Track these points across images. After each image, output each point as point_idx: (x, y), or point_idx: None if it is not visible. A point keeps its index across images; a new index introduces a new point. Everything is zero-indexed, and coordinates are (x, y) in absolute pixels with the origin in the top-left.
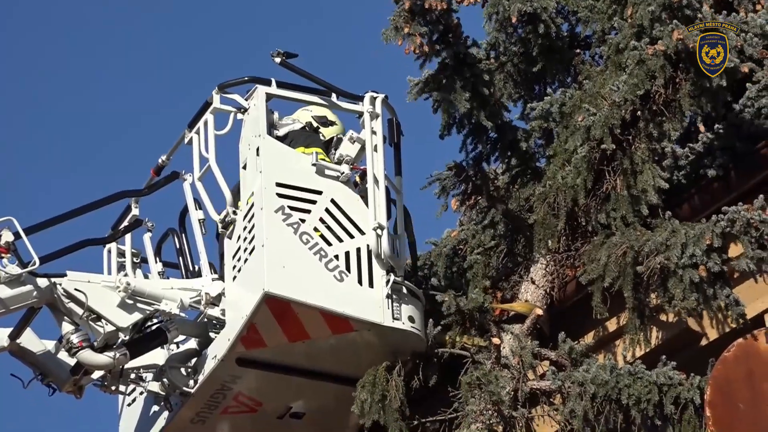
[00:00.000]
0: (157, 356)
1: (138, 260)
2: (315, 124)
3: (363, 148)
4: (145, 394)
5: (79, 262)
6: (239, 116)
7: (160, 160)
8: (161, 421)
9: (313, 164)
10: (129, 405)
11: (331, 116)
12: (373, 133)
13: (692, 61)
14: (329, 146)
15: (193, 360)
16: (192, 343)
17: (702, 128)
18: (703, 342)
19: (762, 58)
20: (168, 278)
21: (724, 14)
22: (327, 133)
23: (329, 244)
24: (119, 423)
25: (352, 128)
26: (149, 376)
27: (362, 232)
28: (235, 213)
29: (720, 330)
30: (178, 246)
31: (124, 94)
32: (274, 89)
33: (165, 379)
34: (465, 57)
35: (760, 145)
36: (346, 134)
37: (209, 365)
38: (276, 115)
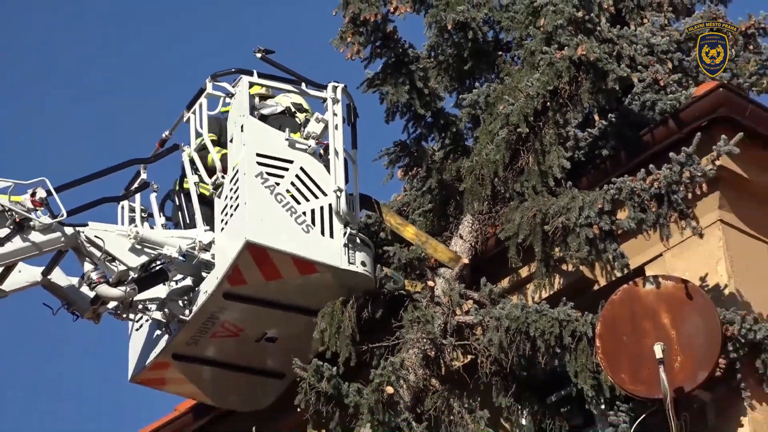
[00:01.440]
0: (160, 291)
1: (145, 215)
2: (293, 110)
3: (326, 127)
4: (149, 321)
5: (98, 215)
6: (228, 100)
7: (163, 135)
8: (162, 343)
9: (287, 139)
10: (137, 330)
11: (305, 104)
12: (335, 114)
13: (593, 67)
14: (302, 126)
15: (189, 294)
16: (188, 281)
17: (597, 117)
18: (596, 287)
19: (648, 65)
20: (169, 229)
21: (618, 27)
22: (302, 117)
23: (298, 202)
24: (129, 344)
25: (317, 110)
26: (153, 306)
27: (325, 194)
28: (223, 177)
29: (609, 278)
30: (177, 203)
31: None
32: (255, 79)
33: (166, 309)
34: (403, 58)
35: (643, 131)
36: (312, 115)
37: (201, 298)
38: (257, 99)
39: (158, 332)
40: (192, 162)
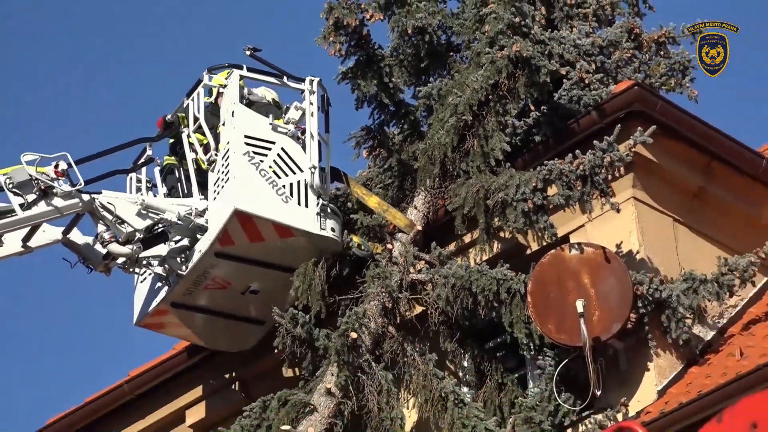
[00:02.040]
0: (161, 249)
1: (150, 185)
2: (273, 103)
3: (303, 114)
4: (152, 275)
5: (110, 185)
6: (221, 90)
7: (167, 117)
8: (162, 293)
9: (270, 124)
10: (141, 282)
11: (280, 103)
12: (311, 103)
13: (528, 64)
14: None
15: (186, 253)
16: (185, 241)
17: (532, 108)
18: (528, 252)
19: (575, 62)
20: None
21: (549, 31)
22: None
23: (279, 177)
24: (134, 294)
25: (296, 99)
26: (155, 262)
27: (301, 170)
28: (216, 154)
29: (540, 244)
30: (177, 176)
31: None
32: (245, 72)
33: (166, 265)
34: (372, 56)
35: (570, 121)
36: (292, 104)
37: (196, 256)
38: (246, 90)
39: (159, 284)
40: (190, 141)
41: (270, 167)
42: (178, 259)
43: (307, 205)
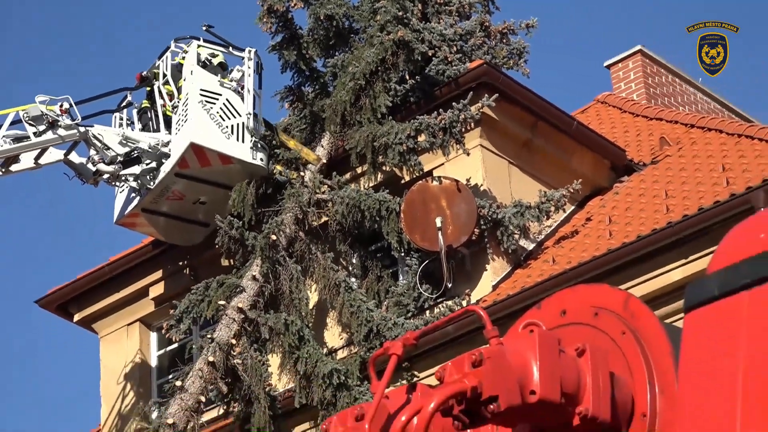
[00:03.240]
0: (136, 169)
1: (129, 122)
2: (210, 58)
3: (243, 74)
4: (128, 188)
5: (100, 120)
6: (183, 55)
7: (143, 73)
8: (135, 201)
9: (219, 81)
10: (120, 192)
11: (216, 53)
12: (249, 67)
13: (407, 46)
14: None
15: (154, 172)
16: (153, 164)
17: (408, 77)
18: (402, 182)
19: (439, 46)
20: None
21: (423, 22)
22: (216, 60)
23: (224, 120)
24: (115, 201)
25: (238, 63)
26: (131, 179)
27: (240, 115)
28: (179, 102)
29: (411, 176)
30: (150, 116)
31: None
32: (201, 42)
33: (139, 181)
34: (294, 35)
35: (436, 88)
36: (235, 67)
37: (161, 176)
38: (201, 56)
39: (133, 195)
40: (160, 91)
41: (217, 112)
42: (148, 177)
43: (243, 141)
